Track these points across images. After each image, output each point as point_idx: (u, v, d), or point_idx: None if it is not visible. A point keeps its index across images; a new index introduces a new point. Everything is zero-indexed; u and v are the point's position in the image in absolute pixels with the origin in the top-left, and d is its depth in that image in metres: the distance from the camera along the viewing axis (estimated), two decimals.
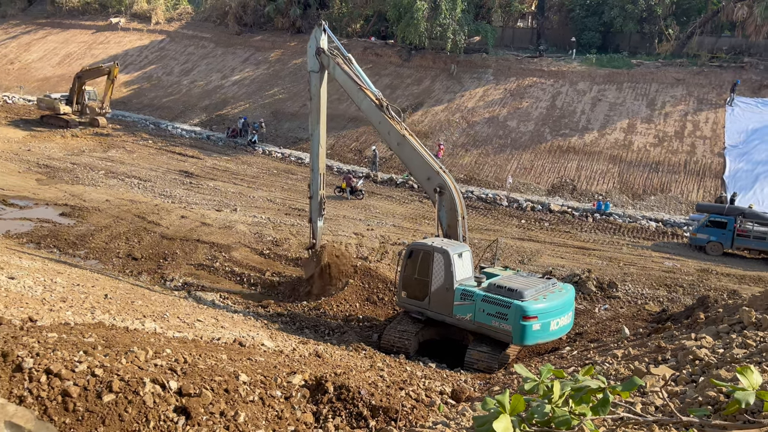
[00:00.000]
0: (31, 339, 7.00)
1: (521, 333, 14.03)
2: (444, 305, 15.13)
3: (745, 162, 31.99)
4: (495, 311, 14.26)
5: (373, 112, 17.88)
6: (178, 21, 62.00)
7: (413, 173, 18.31)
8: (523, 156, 35.40)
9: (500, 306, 14.16)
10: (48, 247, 21.83)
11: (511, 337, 14.18)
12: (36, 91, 51.36)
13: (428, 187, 16.88)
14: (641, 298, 20.19)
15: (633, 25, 44.82)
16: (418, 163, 17.02)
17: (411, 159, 17.20)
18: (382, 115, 17.63)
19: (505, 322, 14.09)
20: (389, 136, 17.63)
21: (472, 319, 14.70)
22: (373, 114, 17.95)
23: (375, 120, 18.04)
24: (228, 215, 26.75)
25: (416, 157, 17.01)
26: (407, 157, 17.35)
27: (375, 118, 17.93)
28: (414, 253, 15.65)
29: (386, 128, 17.60)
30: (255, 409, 6.79)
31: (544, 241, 26.09)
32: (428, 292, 15.34)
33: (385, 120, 17.57)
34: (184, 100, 49.06)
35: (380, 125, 17.81)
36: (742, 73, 38.51)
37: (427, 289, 15.36)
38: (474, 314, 14.63)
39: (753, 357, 6.56)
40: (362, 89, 18.10)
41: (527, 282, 15.08)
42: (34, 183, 30.22)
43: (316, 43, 18.99)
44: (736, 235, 24.75)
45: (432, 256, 15.16)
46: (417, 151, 17.06)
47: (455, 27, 42.15)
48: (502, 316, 14.14)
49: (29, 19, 68.01)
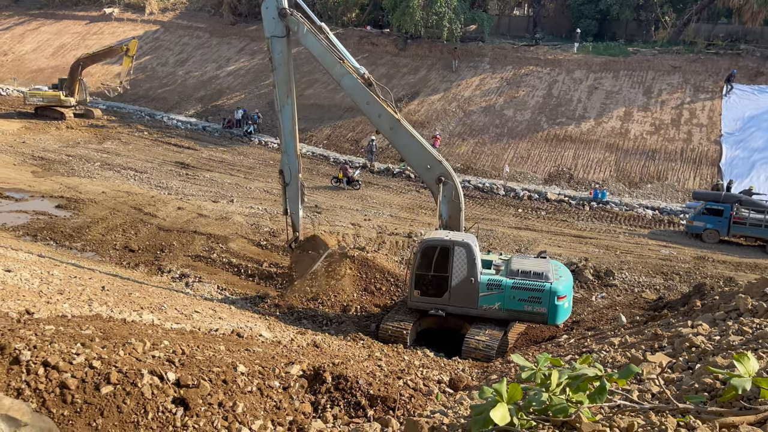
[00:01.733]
0: (29, 332, 6.99)
1: (556, 313, 14.84)
2: (468, 298, 15.07)
3: (741, 149, 32.01)
4: (528, 296, 14.89)
5: (358, 89, 15.95)
6: (173, 11, 61.54)
7: (410, 161, 16.62)
8: (519, 145, 35.37)
9: (533, 291, 14.78)
10: (44, 240, 21.78)
11: (546, 319, 14.94)
12: (30, 82, 51.01)
13: (428, 176, 15.93)
14: (638, 286, 20.26)
15: (629, 12, 44.66)
16: (415, 150, 15.85)
17: (407, 146, 15.88)
18: (370, 94, 15.79)
19: (539, 305, 14.80)
20: (380, 120, 15.84)
21: (500, 307, 15.06)
22: (358, 92, 15.98)
23: (361, 100, 16.02)
24: (225, 206, 26.71)
25: (414, 144, 15.83)
26: (403, 144, 15.91)
27: (361, 97, 15.97)
28: (429, 249, 15.04)
29: (376, 110, 15.83)
30: (253, 399, 6.80)
31: (541, 229, 26.12)
32: (448, 288, 15.08)
33: (374, 100, 15.76)
34: (180, 91, 48.80)
35: (368, 106, 15.94)
36: (739, 60, 38.44)
37: (446, 284, 15.08)
38: (503, 302, 14.99)
39: (749, 344, 6.58)
40: (342, 63, 16.10)
41: (541, 264, 15.60)
42: (29, 175, 30.09)
43: (276, 3, 16.67)
44: (733, 223, 24.82)
45: (452, 250, 14.88)
46: (414, 137, 15.84)
47: (451, 15, 41.94)
48: (536, 300, 14.84)
49: (22, 10, 67.43)
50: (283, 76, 17.07)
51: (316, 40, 16.37)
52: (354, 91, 16.19)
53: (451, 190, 16.15)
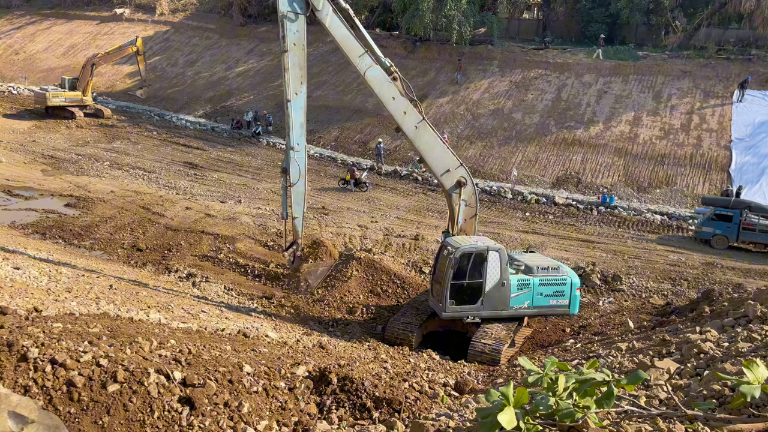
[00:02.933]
0: (36, 329, 7.03)
1: (575, 304, 15.93)
2: (500, 301, 15.23)
3: (751, 155, 31.78)
4: (553, 291, 15.68)
5: (384, 83, 14.82)
6: (183, 12, 61.85)
7: (431, 163, 15.65)
8: (528, 148, 35.27)
9: (557, 285, 15.62)
10: (53, 238, 21.91)
11: (568, 310, 15.83)
12: (41, 81, 51.39)
13: (446, 179, 15.55)
14: (646, 292, 20.14)
15: (640, 16, 44.49)
16: (438, 152, 15.39)
17: (430, 147, 15.27)
18: (396, 89, 14.86)
19: (562, 298, 15.68)
20: (405, 117, 14.91)
21: (530, 305, 15.54)
22: (384, 86, 14.82)
23: (387, 95, 14.83)
24: (232, 207, 26.78)
25: (437, 146, 15.37)
26: (426, 145, 15.22)
27: (386, 91, 14.82)
28: (464, 257, 14.85)
29: (402, 107, 14.91)
30: (259, 399, 6.81)
31: (548, 233, 26.04)
32: (482, 293, 15.09)
33: (400, 96, 14.86)
34: (189, 92, 49.01)
35: (394, 102, 14.89)
36: (750, 66, 38.20)
37: (480, 290, 15.08)
38: (532, 300, 15.47)
39: (758, 351, 6.53)
40: (367, 53, 14.80)
41: (545, 259, 16.32)
42: (39, 174, 30.29)
43: None
44: (742, 229, 24.62)
45: (486, 255, 14.90)
46: (438, 138, 15.42)
47: (460, 18, 41.92)
48: (560, 294, 15.69)
49: (34, 10, 67.94)
50: (298, 60, 14.76)
51: (341, 22, 14.64)
52: (379, 84, 14.88)
53: (470, 194, 16.10)
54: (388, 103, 15.12)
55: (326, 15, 14.49)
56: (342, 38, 14.75)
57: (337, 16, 14.61)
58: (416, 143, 15.43)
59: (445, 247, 15.35)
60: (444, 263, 15.11)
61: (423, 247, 22.47)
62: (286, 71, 14.79)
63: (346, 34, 14.76)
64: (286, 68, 14.80)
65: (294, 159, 15.36)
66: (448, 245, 15.25)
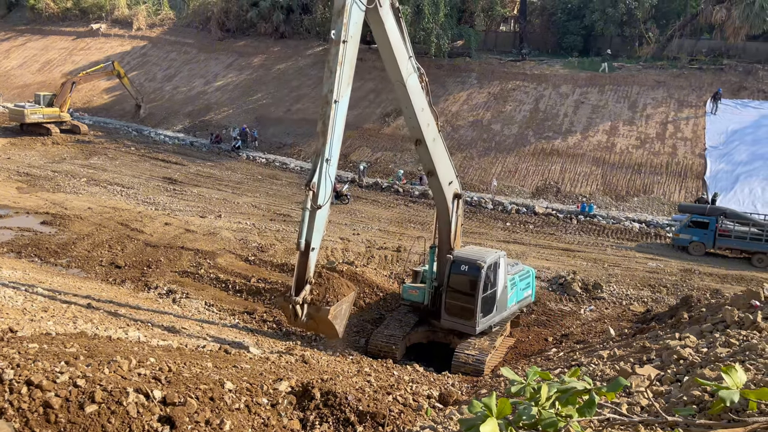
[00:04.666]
0: (12, 350, 6.88)
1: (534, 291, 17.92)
2: (503, 304, 15.89)
3: (725, 163, 32.42)
4: (526, 284, 17.05)
5: (419, 93, 14.18)
6: (160, 27, 61.61)
7: (440, 174, 15.24)
8: (507, 159, 35.58)
9: (527, 278, 17.17)
10: (29, 257, 21.51)
11: (531, 299, 17.74)
12: (16, 98, 50.71)
13: (448, 191, 15.49)
14: (626, 299, 20.34)
15: (614, 28, 45.34)
16: (446, 163, 15.37)
17: (441, 159, 15.16)
18: (427, 99, 14.49)
19: (529, 288, 17.35)
20: (428, 129, 14.51)
21: (517, 301, 16.56)
22: (418, 96, 14.18)
23: (418, 105, 14.16)
24: (212, 222, 26.57)
25: (446, 158, 15.37)
26: (438, 156, 14.95)
27: (419, 102, 14.20)
28: (486, 269, 14.97)
29: (428, 118, 14.51)
30: (241, 417, 6.72)
31: (529, 243, 26.21)
32: (496, 299, 15.56)
33: (428, 107, 14.53)
34: (167, 107, 48.71)
35: (422, 113, 14.36)
36: (722, 75, 39.07)
37: (495, 296, 15.52)
38: (517, 296, 16.54)
39: (737, 356, 6.62)
40: (412, 59, 14.03)
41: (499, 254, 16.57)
42: (14, 191, 29.78)
43: None
44: (718, 235, 25.05)
45: (498, 264, 15.54)
46: (446, 150, 15.48)
47: (438, 31, 42.33)
48: (528, 285, 17.25)
49: (8, 26, 67.23)
50: (352, 56, 12.72)
51: (397, 22, 13.62)
52: (417, 92, 14.09)
53: (462, 206, 16.30)
54: (417, 114, 14.24)
55: (386, 11, 13.23)
56: (394, 40, 13.55)
57: (394, 15, 13.56)
58: (432, 155, 14.85)
59: (462, 263, 15.11)
60: (466, 279, 15.02)
61: (405, 259, 22.47)
62: (338, 66, 12.20)
63: (398, 37, 13.68)
64: (340, 62, 12.24)
65: (326, 174, 12.51)
66: (465, 261, 15.07)
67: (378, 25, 13.30)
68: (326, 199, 12.57)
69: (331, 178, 12.70)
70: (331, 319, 12.81)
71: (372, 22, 13.30)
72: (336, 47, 12.33)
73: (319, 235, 12.69)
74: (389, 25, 13.41)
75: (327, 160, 12.42)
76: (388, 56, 13.73)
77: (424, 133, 14.56)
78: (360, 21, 12.84)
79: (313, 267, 12.81)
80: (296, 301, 12.50)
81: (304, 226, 12.34)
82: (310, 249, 12.38)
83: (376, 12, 13.07)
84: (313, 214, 12.34)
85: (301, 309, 12.65)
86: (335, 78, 12.23)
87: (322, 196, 12.44)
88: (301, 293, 12.58)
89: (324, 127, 12.32)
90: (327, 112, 12.29)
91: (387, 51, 13.66)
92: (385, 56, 13.83)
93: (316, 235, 12.45)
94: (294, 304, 12.53)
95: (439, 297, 15.79)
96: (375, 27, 13.41)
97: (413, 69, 13.98)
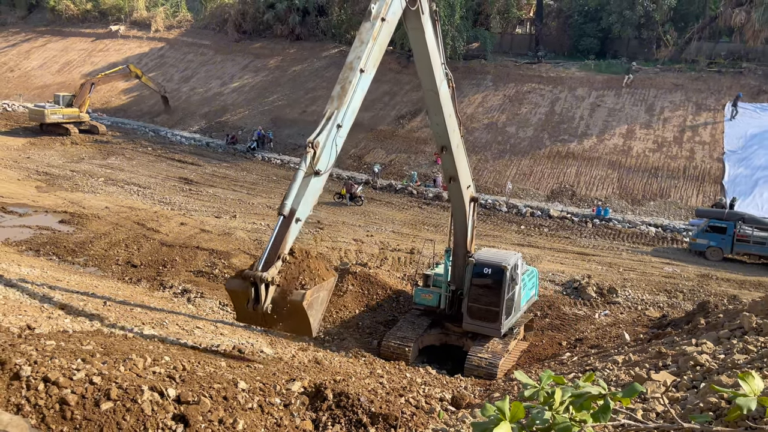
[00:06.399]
0: (29, 347, 6.97)
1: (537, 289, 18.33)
2: (518, 303, 16.09)
3: (744, 167, 32.00)
4: (532, 284, 17.50)
5: (449, 99, 14.07)
6: (178, 28, 62.16)
7: (461, 180, 15.16)
8: (522, 162, 35.42)
9: (533, 277, 17.66)
10: (47, 255, 21.78)
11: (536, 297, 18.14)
12: (36, 98, 51.42)
13: (466, 195, 15.43)
14: (641, 304, 20.14)
15: (631, 30, 44.95)
16: (466, 167, 15.43)
17: (462, 163, 15.17)
18: (454, 107, 14.42)
19: (534, 288, 17.82)
20: (453, 135, 14.40)
21: (524, 300, 16.71)
22: (448, 103, 14.03)
23: (447, 111, 13.96)
24: (227, 222, 26.73)
25: (466, 162, 15.45)
26: (460, 161, 14.97)
27: (448, 108, 14.04)
28: (510, 271, 15.15)
29: (454, 125, 14.41)
30: (254, 416, 6.75)
31: (543, 246, 26.06)
32: (514, 301, 15.77)
33: (454, 114, 14.44)
34: (184, 107, 49.11)
35: (450, 119, 14.24)
36: (741, 79, 38.59)
37: (514, 298, 15.72)
38: (525, 295, 16.75)
39: (754, 362, 6.53)
40: (444, 65, 13.79)
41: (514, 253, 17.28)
42: (33, 190, 30.19)
43: None
44: (736, 240, 24.73)
45: (517, 265, 15.78)
46: (466, 156, 15.48)
47: (454, 33, 42.26)
48: (534, 285, 17.76)
49: (29, 27, 68.18)
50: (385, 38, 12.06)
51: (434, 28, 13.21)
52: (445, 100, 13.88)
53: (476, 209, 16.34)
54: (446, 120, 13.91)
55: (427, 20, 12.86)
56: (432, 47, 13.14)
57: (432, 21, 13.11)
58: (456, 161, 14.66)
59: (485, 266, 15.23)
60: (489, 282, 15.14)
61: (418, 261, 22.45)
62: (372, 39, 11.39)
63: (435, 44, 13.24)
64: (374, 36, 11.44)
65: (335, 140, 10.87)
66: (488, 264, 15.22)
67: (417, 31, 12.81)
68: (327, 166, 10.70)
69: (338, 146, 10.96)
70: (306, 307, 9.74)
71: (411, 28, 12.84)
72: (372, 22, 11.49)
73: (308, 207, 10.64)
74: (428, 32, 12.94)
75: (338, 126, 10.90)
76: (424, 64, 13.26)
77: (451, 139, 14.26)
78: (398, 11, 12.02)
79: (292, 242, 10.39)
80: (262, 277, 9.59)
81: (294, 189, 10.28)
82: (294, 218, 10.23)
83: (418, 17, 12.58)
84: (307, 180, 10.42)
85: (265, 291, 9.72)
86: (365, 48, 11.27)
87: (325, 162, 10.63)
88: (270, 269, 9.76)
89: (343, 92, 10.99)
90: (349, 77, 11.11)
91: (423, 58, 13.20)
92: (421, 64, 13.39)
93: (304, 205, 10.42)
94: (258, 282, 9.61)
95: (457, 301, 15.75)
96: (414, 33, 12.91)
97: (444, 77, 13.65)
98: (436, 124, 14.33)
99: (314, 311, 10.02)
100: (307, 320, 9.86)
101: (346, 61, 11.34)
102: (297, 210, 10.21)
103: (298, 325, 10.07)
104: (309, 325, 9.96)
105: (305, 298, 9.65)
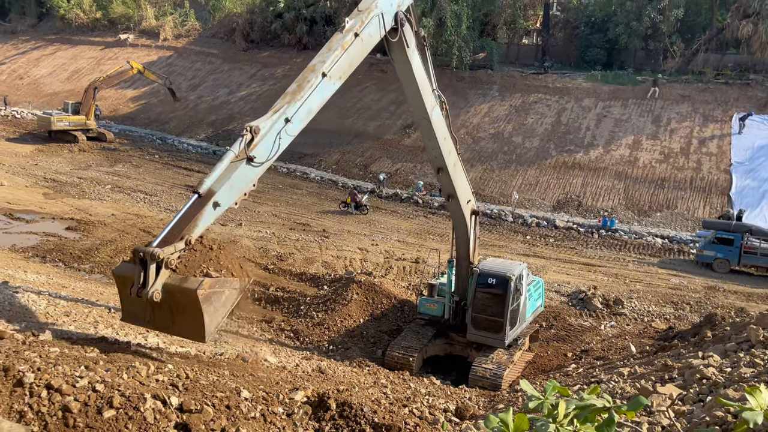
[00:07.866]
0: (33, 353, 6.97)
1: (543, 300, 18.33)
2: (523, 315, 16.01)
3: (751, 179, 31.85)
4: (538, 294, 17.52)
5: (443, 123, 13.93)
6: (186, 37, 62.61)
7: (459, 196, 15.11)
8: (528, 172, 35.38)
9: (539, 288, 17.73)
10: (53, 261, 21.86)
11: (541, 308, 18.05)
12: (45, 106, 51.82)
13: (466, 210, 15.42)
14: (648, 316, 20.01)
15: (638, 42, 44.95)
16: (464, 184, 15.39)
17: (460, 180, 15.13)
18: (448, 128, 14.29)
19: (540, 299, 17.86)
20: (448, 156, 14.25)
21: (529, 311, 16.61)
22: (442, 126, 13.91)
23: (441, 135, 13.82)
24: (233, 229, 26.77)
25: (464, 178, 15.43)
26: (458, 178, 14.96)
27: (441, 131, 13.92)
28: (515, 281, 15.12)
29: (449, 147, 14.28)
30: (256, 425, 6.72)
31: (549, 257, 25.97)
32: (519, 311, 15.65)
33: (449, 135, 14.25)
34: (191, 116, 49.37)
35: (445, 142, 14.05)
36: (748, 90, 38.49)
37: (519, 308, 15.60)
38: (531, 304, 16.73)
39: (761, 376, 6.46)
40: (435, 91, 13.47)
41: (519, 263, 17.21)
42: (40, 197, 30.36)
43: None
44: (743, 252, 24.57)
45: (522, 275, 15.72)
46: (464, 170, 15.44)
47: (461, 43, 42.37)
48: (540, 295, 17.79)
49: (39, 35, 68.84)
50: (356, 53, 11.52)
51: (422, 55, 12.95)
52: (438, 125, 13.65)
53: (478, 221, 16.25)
54: (440, 144, 13.77)
55: (413, 53, 12.50)
56: (421, 77, 12.79)
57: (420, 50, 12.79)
58: (453, 180, 14.57)
59: (489, 276, 15.16)
60: (493, 292, 15.08)
61: (423, 270, 22.40)
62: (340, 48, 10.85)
63: (424, 73, 12.88)
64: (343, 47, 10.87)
65: (278, 134, 9.93)
66: (492, 274, 15.15)
67: (403, 64, 12.50)
68: (266, 157, 9.60)
69: (283, 141, 9.98)
70: (201, 298, 7.99)
71: (397, 61, 12.54)
72: (344, 33, 10.97)
73: (232, 194, 9.30)
74: (416, 64, 12.62)
75: (287, 120, 10.02)
76: (413, 94, 13.01)
77: (446, 160, 14.12)
78: (375, 35, 11.69)
79: (202, 228, 8.90)
80: (153, 253, 8.00)
81: (218, 169, 8.97)
82: (210, 200, 8.91)
83: (402, 50, 12.25)
84: (238, 164, 9.20)
85: (156, 273, 8.08)
86: (332, 54, 10.66)
87: (262, 151, 9.54)
88: (167, 247, 8.26)
89: (298, 89, 10.35)
90: (309, 77, 10.49)
91: (412, 89, 12.93)
92: (409, 93, 13.15)
93: (227, 190, 9.16)
94: (148, 259, 7.99)
95: (461, 311, 15.69)
96: (399, 66, 12.64)
97: (436, 101, 13.38)
98: (431, 148, 14.18)
99: (212, 309, 8.24)
100: (201, 318, 8.00)
101: (309, 64, 10.86)
102: (216, 193, 8.97)
103: (191, 324, 8.20)
104: (202, 325, 8.04)
105: (202, 287, 8.00)
